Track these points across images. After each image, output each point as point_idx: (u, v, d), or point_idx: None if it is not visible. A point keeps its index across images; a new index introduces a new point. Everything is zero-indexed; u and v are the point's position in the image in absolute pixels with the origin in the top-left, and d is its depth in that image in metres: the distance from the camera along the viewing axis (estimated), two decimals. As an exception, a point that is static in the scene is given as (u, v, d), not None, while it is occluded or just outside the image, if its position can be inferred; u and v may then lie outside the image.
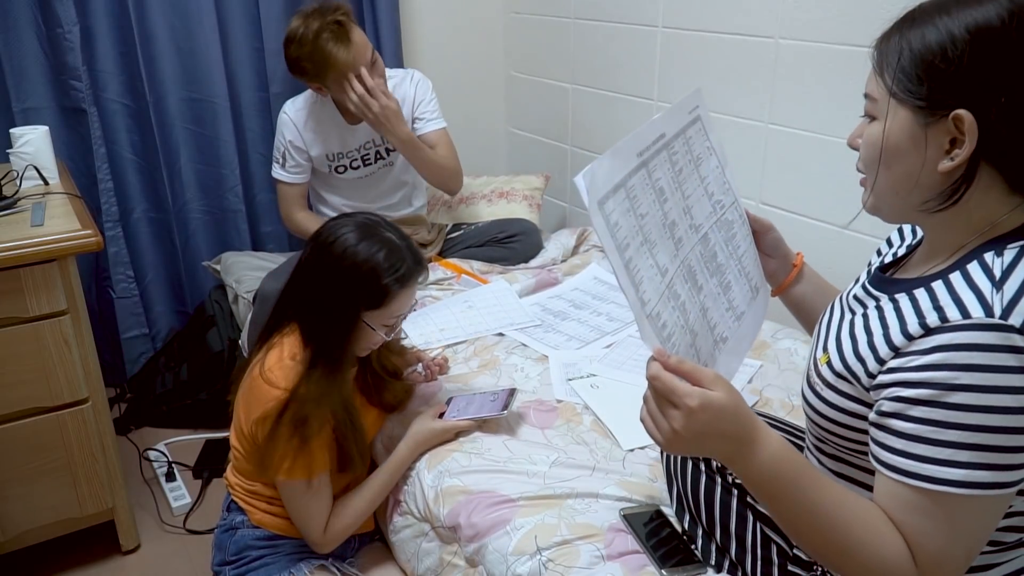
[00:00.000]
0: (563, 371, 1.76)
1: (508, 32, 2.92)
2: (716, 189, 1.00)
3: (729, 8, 2.03)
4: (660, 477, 1.38)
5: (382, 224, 1.36)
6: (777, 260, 1.13)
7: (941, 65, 0.76)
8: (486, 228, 2.43)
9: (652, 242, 0.84)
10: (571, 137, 2.72)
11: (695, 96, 0.99)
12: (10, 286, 1.55)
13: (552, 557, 1.20)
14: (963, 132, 0.76)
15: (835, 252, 1.88)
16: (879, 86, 0.82)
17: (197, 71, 2.39)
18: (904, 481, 0.77)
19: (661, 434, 0.81)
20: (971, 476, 0.74)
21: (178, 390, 2.34)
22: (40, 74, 2.19)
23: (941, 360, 0.74)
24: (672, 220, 0.88)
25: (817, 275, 1.16)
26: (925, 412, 0.75)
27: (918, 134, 0.79)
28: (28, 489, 1.68)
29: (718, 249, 0.97)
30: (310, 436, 1.29)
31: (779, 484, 0.81)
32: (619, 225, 0.80)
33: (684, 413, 0.78)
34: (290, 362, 1.31)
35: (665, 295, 0.85)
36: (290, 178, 2.22)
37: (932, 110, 0.77)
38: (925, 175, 0.80)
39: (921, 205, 0.82)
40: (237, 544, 1.42)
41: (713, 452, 0.82)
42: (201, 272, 2.56)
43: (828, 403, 0.88)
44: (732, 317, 1.00)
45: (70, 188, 1.89)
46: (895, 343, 0.79)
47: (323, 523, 1.38)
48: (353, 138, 2.20)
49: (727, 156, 1.05)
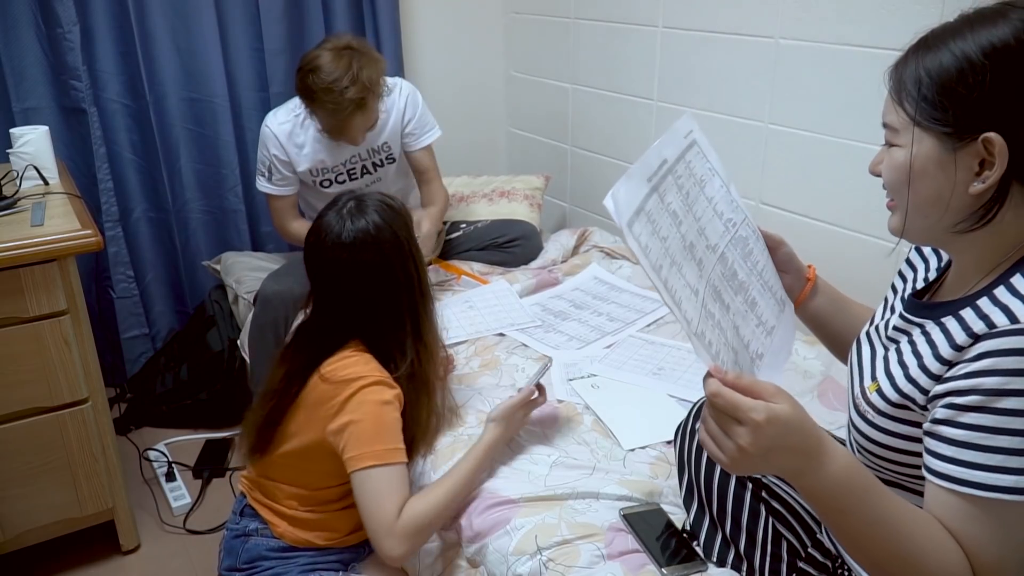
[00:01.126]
0: (564, 371, 1.76)
1: (508, 32, 2.92)
2: (725, 208, 0.99)
3: (729, 8, 2.03)
4: (660, 476, 1.38)
5: (348, 197, 1.36)
6: (791, 275, 1.12)
7: (963, 91, 0.75)
8: (486, 230, 2.42)
9: (679, 264, 0.84)
10: (571, 137, 2.72)
11: (687, 122, 1.00)
12: (10, 286, 1.55)
13: (552, 557, 1.20)
14: (993, 154, 0.76)
15: (835, 252, 1.88)
16: (900, 115, 0.81)
17: (197, 71, 2.39)
18: (955, 489, 0.76)
19: (726, 454, 0.77)
20: (1022, 482, 0.73)
21: (178, 390, 2.34)
22: (40, 74, 2.19)
23: (990, 366, 0.73)
24: (690, 242, 0.88)
25: (831, 287, 1.14)
26: (975, 418, 0.74)
27: (946, 159, 0.78)
28: (28, 489, 1.68)
29: (737, 267, 0.97)
30: (397, 416, 1.30)
31: (849, 497, 0.77)
32: (649, 247, 0.80)
33: (750, 429, 0.74)
34: (355, 356, 1.31)
35: (703, 314, 0.85)
36: (279, 191, 2.17)
37: (959, 135, 0.77)
38: (956, 198, 0.79)
39: (953, 227, 0.82)
40: (250, 552, 1.41)
41: (780, 468, 0.78)
42: (201, 272, 2.56)
43: (882, 430, 0.87)
44: (763, 333, 0.99)
45: (70, 188, 1.89)
46: (945, 357, 0.79)
47: (393, 516, 1.24)
48: (339, 153, 2.16)
49: (729, 175, 1.05)
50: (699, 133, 1.00)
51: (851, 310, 1.13)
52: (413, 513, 1.24)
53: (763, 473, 1.10)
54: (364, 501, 1.26)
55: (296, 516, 1.40)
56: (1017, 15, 0.75)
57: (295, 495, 1.40)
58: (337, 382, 1.29)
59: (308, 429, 1.33)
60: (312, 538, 1.41)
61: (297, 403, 1.34)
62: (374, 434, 1.27)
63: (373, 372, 1.30)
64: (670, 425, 1.36)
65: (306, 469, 1.38)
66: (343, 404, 1.28)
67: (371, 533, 1.25)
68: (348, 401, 1.28)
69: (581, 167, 2.70)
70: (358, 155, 2.20)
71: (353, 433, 1.27)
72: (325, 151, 2.14)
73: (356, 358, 1.32)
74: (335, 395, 1.29)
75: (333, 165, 2.18)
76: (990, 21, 0.75)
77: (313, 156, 2.14)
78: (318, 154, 2.14)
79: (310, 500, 1.40)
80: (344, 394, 1.28)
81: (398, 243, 1.34)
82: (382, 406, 1.29)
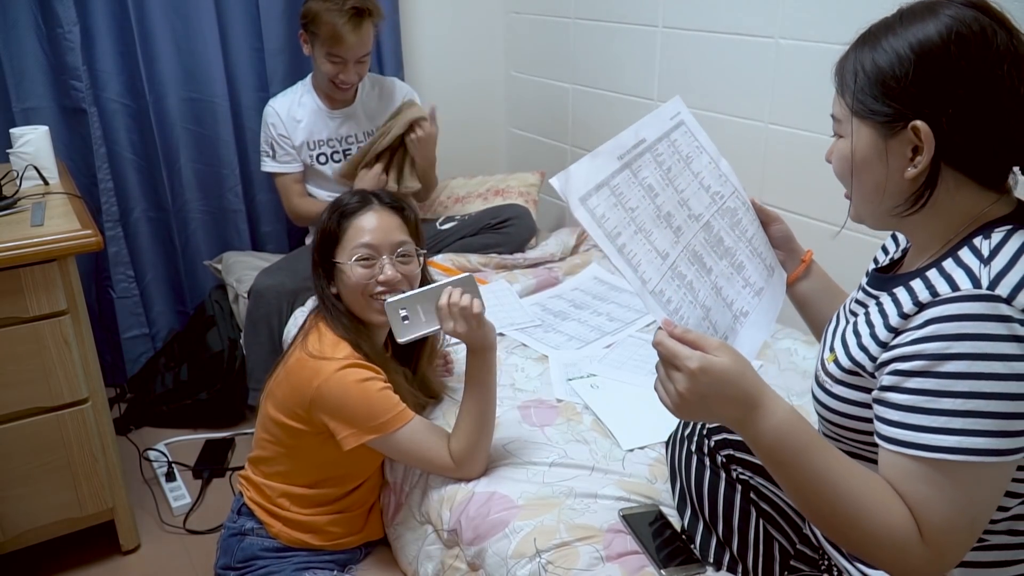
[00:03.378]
0: (563, 371, 1.76)
1: (508, 32, 2.92)
2: (713, 182, 1.07)
3: (729, 8, 2.03)
4: (659, 477, 1.38)
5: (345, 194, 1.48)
6: (786, 253, 1.16)
7: (892, 83, 0.82)
8: (479, 217, 2.42)
9: (647, 230, 0.93)
10: (571, 137, 2.72)
11: (675, 104, 1.09)
12: (10, 286, 1.55)
13: (552, 559, 1.20)
14: (922, 141, 0.81)
15: (835, 252, 1.88)
16: (842, 107, 0.88)
17: (197, 71, 2.39)
18: (903, 452, 0.78)
19: (669, 399, 0.85)
20: (966, 443, 0.75)
21: (178, 390, 2.34)
22: (40, 74, 2.19)
23: (933, 332, 0.77)
24: (668, 212, 0.97)
25: (826, 275, 1.18)
26: (919, 383, 0.77)
27: (881, 147, 0.85)
28: (28, 489, 1.68)
29: (724, 234, 1.04)
30: (384, 386, 1.34)
31: (788, 451, 0.82)
32: (606, 217, 0.89)
33: (686, 375, 0.81)
34: (332, 336, 1.37)
35: (668, 275, 0.92)
36: (283, 168, 2.27)
37: (891, 124, 0.83)
38: (892, 183, 0.85)
39: (893, 210, 0.88)
40: (245, 551, 1.42)
41: (721, 417, 0.84)
42: (201, 272, 2.56)
43: (839, 398, 0.90)
44: (751, 293, 1.05)
45: (70, 188, 1.89)
46: (893, 325, 0.82)
47: (447, 455, 1.36)
48: (335, 127, 2.28)
49: (719, 152, 1.13)
50: (687, 114, 1.10)
51: (841, 299, 1.14)
52: (461, 452, 1.36)
53: (707, 421, 1.17)
54: (408, 460, 1.40)
55: (289, 517, 1.41)
56: (946, 11, 0.80)
57: (286, 493, 1.41)
58: (315, 356, 1.35)
59: (290, 401, 1.37)
60: (307, 539, 1.42)
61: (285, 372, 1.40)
62: (373, 408, 1.32)
63: (348, 352, 1.36)
64: (669, 426, 1.36)
65: (292, 454, 1.41)
66: (324, 384, 1.32)
67: (442, 475, 1.39)
68: (329, 381, 1.32)
69: (581, 167, 2.70)
70: (354, 136, 2.32)
71: (350, 413, 1.32)
72: (321, 124, 2.27)
73: (335, 338, 1.38)
74: (312, 375, 1.33)
75: (328, 139, 2.28)
76: (920, 17, 0.81)
77: (310, 128, 2.26)
78: (315, 126, 2.27)
79: (301, 500, 1.41)
80: (322, 374, 1.32)
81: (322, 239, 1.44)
82: (366, 383, 1.33)
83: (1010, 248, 0.79)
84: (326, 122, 2.27)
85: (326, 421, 1.33)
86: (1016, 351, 0.74)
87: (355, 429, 1.31)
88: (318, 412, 1.32)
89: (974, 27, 0.79)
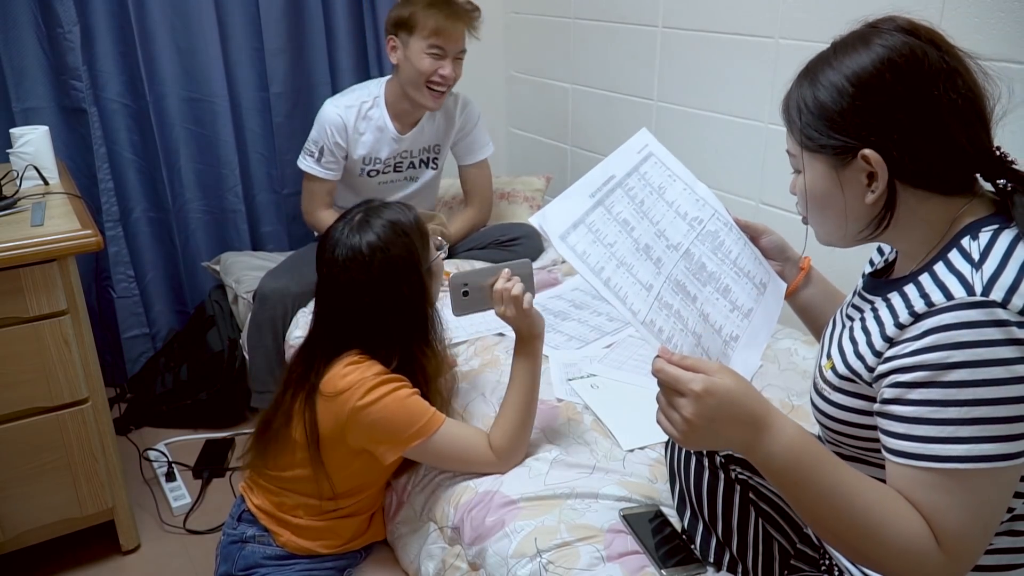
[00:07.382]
0: (563, 371, 1.76)
1: (508, 32, 2.92)
2: (690, 208, 1.08)
3: (729, 8, 2.03)
4: (660, 477, 1.38)
5: (360, 208, 1.37)
6: (782, 263, 1.16)
7: (836, 116, 0.84)
8: (488, 231, 2.43)
9: (629, 264, 0.94)
10: (571, 137, 2.72)
11: (641, 136, 1.10)
12: (10, 286, 1.55)
13: (552, 559, 1.20)
14: (874, 167, 0.83)
15: (835, 253, 1.88)
16: (793, 143, 0.91)
17: (197, 71, 2.39)
18: (912, 464, 0.78)
19: (675, 427, 0.83)
20: (975, 450, 0.75)
21: (178, 390, 2.34)
22: (40, 74, 2.19)
23: (933, 342, 0.77)
24: (646, 244, 0.98)
25: (825, 280, 1.18)
26: (923, 394, 0.77)
27: (836, 178, 0.86)
28: (28, 489, 1.68)
29: (706, 260, 1.04)
30: (411, 392, 1.32)
31: (801, 471, 0.81)
32: (588, 253, 0.92)
33: (691, 399, 0.80)
34: (350, 366, 1.31)
35: (655, 306, 0.93)
36: (324, 174, 2.21)
37: (841, 155, 0.85)
38: (853, 210, 0.87)
39: (858, 234, 0.89)
40: (246, 559, 1.40)
41: (730, 440, 0.82)
42: (201, 272, 2.56)
43: (838, 405, 0.90)
44: (739, 316, 1.04)
45: (70, 188, 1.89)
46: (889, 335, 0.82)
47: (487, 447, 1.36)
48: (397, 146, 2.24)
49: (694, 177, 1.13)
50: (656, 145, 1.10)
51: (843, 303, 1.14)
52: (503, 446, 1.35)
53: (716, 447, 1.13)
54: (448, 463, 1.38)
55: (301, 525, 1.40)
56: (878, 40, 0.83)
57: (303, 504, 1.39)
58: (332, 395, 1.29)
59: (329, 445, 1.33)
60: (315, 547, 1.41)
61: (301, 417, 1.33)
62: (406, 417, 1.30)
63: (366, 375, 1.29)
64: (670, 426, 1.36)
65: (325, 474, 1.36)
66: (352, 417, 1.28)
67: (482, 471, 1.37)
68: (358, 413, 1.28)
69: (581, 167, 2.70)
70: (409, 152, 2.27)
71: (386, 430, 1.29)
72: (384, 144, 2.22)
73: (350, 367, 1.31)
74: (339, 410, 1.29)
75: (386, 158, 2.25)
76: (854, 49, 0.84)
77: (371, 145, 2.21)
78: (377, 144, 2.21)
79: (318, 509, 1.40)
80: (347, 408, 1.28)
81: (391, 264, 1.31)
82: (392, 394, 1.30)
83: (999, 249, 0.79)
84: (389, 143, 2.21)
85: (363, 444, 1.32)
86: (1015, 354, 0.74)
87: (392, 443, 1.30)
88: (354, 436, 1.31)
89: (905, 52, 0.81)
